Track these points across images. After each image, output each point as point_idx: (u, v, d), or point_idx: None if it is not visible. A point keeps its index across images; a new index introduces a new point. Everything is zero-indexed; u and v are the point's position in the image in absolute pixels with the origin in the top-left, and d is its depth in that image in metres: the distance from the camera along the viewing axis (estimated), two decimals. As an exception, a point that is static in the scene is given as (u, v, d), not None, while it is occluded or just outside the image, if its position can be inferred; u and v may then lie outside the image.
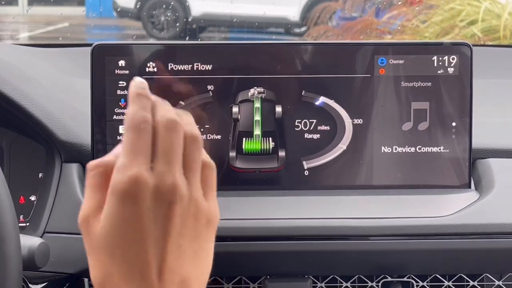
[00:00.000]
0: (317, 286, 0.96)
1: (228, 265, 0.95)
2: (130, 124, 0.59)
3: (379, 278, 0.97)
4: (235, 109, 0.96)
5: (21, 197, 1.00)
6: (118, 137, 0.95)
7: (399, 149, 0.97)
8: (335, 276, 0.97)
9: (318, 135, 0.97)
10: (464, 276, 0.97)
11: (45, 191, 0.96)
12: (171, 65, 0.95)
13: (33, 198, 1.00)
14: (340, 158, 0.97)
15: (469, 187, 0.98)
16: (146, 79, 0.94)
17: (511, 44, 2.34)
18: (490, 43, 2.36)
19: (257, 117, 0.96)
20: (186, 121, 0.62)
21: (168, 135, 0.60)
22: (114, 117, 0.95)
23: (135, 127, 0.59)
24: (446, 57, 0.97)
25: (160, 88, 0.95)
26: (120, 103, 0.95)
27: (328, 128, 0.97)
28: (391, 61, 0.97)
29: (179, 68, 0.95)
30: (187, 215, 0.60)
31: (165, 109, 0.61)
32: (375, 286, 0.97)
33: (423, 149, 0.97)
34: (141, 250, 0.58)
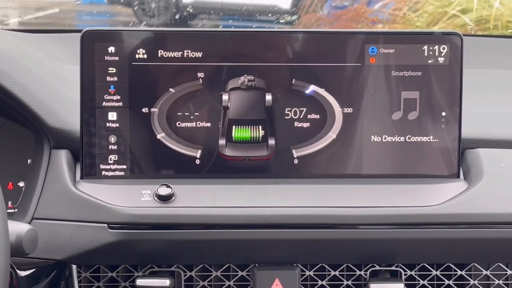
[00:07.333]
0: (305, 274, 0.97)
1: (216, 253, 0.95)
2: None
3: (367, 267, 0.98)
4: (225, 97, 0.96)
5: (10, 183, 1.00)
6: (107, 124, 0.95)
7: (389, 138, 0.97)
8: (324, 265, 0.97)
9: (308, 124, 0.97)
10: (452, 266, 0.98)
11: (34, 177, 0.95)
12: (161, 52, 0.95)
13: (21, 184, 1.00)
14: (330, 147, 0.97)
15: (458, 176, 0.98)
16: (136, 65, 0.95)
17: (502, 35, 2.33)
18: (481, 33, 2.35)
19: None
20: None
21: None
22: (104, 103, 0.95)
23: None
24: (436, 47, 0.97)
25: (150, 75, 0.95)
26: (109, 90, 0.95)
27: (318, 116, 0.97)
28: (382, 50, 0.96)
29: (169, 55, 0.95)
30: None
31: None
32: (363, 274, 0.97)
33: (413, 139, 0.97)
34: None
